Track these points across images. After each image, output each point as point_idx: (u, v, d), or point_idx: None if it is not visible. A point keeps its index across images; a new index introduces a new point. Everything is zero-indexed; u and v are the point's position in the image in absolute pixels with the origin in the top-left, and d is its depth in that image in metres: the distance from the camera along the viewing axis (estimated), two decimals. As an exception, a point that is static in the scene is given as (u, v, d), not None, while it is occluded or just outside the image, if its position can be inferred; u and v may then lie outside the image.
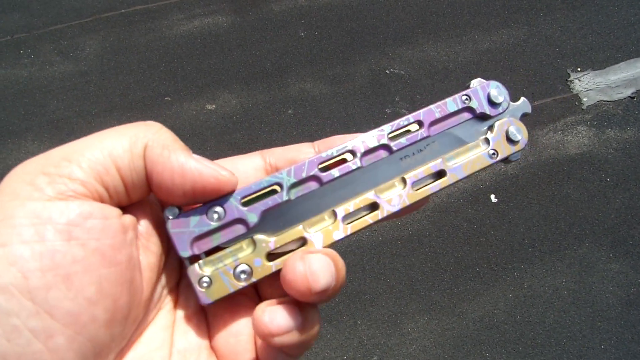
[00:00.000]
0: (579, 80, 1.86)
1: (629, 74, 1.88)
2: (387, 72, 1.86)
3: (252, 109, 1.76)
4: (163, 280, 0.30)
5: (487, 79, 0.35)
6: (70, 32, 1.97)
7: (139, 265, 0.28)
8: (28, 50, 1.92)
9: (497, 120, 0.35)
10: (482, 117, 0.35)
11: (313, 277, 0.27)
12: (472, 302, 1.38)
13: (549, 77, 1.86)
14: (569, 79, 1.86)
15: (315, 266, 0.27)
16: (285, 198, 0.30)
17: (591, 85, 1.85)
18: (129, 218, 0.28)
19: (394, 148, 0.33)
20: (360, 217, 0.31)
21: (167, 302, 0.30)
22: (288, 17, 2.02)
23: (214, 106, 1.78)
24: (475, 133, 0.35)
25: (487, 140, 0.34)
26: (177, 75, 1.85)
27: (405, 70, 1.87)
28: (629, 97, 1.83)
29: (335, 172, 0.31)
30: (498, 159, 0.34)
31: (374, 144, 0.32)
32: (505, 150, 0.34)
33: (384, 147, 0.33)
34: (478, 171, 0.34)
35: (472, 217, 1.52)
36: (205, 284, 0.29)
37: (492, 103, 0.35)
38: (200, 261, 0.30)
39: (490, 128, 0.35)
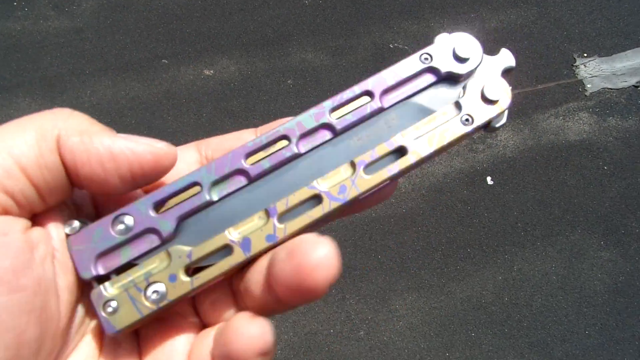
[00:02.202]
0: (585, 66, 1.84)
1: (635, 63, 1.85)
2: (391, 46, 1.83)
3: (250, 76, 1.73)
4: (84, 301, 0.26)
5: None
6: (66, -15, 1.91)
7: (54, 288, 0.23)
8: (22, 3, 1.86)
9: (471, 79, 0.28)
10: (452, 79, 0.28)
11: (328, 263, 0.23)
12: (461, 282, 1.39)
13: (555, 60, 1.83)
14: (575, 64, 1.84)
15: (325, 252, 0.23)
16: (206, 199, 0.25)
17: (596, 72, 1.83)
18: (37, 231, 0.23)
19: (338, 127, 0.27)
20: (300, 215, 0.26)
21: (92, 325, 0.26)
22: (292, -17, 1.96)
23: (212, 72, 1.74)
24: (446, 99, 0.28)
25: (458, 105, 0.28)
26: (176, 38, 1.80)
27: (409, 45, 1.83)
28: (633, 86, 1.81)
29: (266, 162, 0.26)
30: (474, 125, 0.27)
31: (311, 124, 0.27)
32: (483, 113, 0.27)
33: (326, 126, 0.27)
34: (450, 143, 0.27)
35: (467, 198, 1.51)
36: (110, 309, 0.24)
37: (460, 59, 0.28)
38: (107, 282, 0.25)
39: (464, 89, 0.28)
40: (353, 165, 0.26)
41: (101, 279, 0.25)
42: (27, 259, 0.22)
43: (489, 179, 1.55)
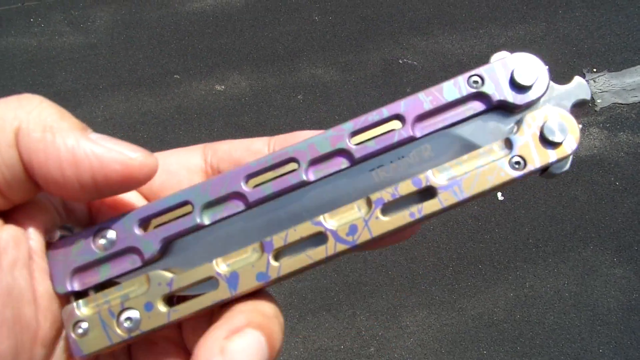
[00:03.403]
0: (594, 82, 1.84)
1: (646, 78, 1.85)
2: (400, 62, 1.84)
3: (261, 92, 1.74)
4: None
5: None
6: (82, 2, 1.95)
7: (30, 296, 0.21)
8: (38, 19, 1.90)
9: (530, 112, 0.23)
10: (506, 110, 0.23)
11: None
12: (473, 299, 1.38)
13: (564, 76, 1.83)
14: (584, 79, 1.84)
15: None
16: (196, 222, 0.23)
17: (606, 87, 1.83)
18: (7, 234, 0.21)
19: (357, 155, 0.23)
20: (298, 254, 0.22)
21: None
22: (302, 0, 1.98)
23: (223, 87, 1.76)
24: (495, 133, 0.23)
25: (509, 143, 0.22)
26: (188, 54, 1.83)
27: (418, 61, 1.84)
28: (644, 101, 1.80)
29: (268, 188, 0.23)
30: (526, 170, 0.22)
31: (326, 148, 0.23)
32: (540, 156, 0.22)
33: (342, 153, 0.23)
34: (492, 189, 0.22)
35: (478, 214, 1.51)
36: (80, 331, 0.22)
37: (517, 87, 0.23)
38: (81, 300, 0.23)
39: (518, 124, 0.23)
40: (369, 202, 0.22)
41: (78, 295, 0.23)
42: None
43: (499, 194, 1.55)
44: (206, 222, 0.23)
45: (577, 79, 0.24)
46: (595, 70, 1.86)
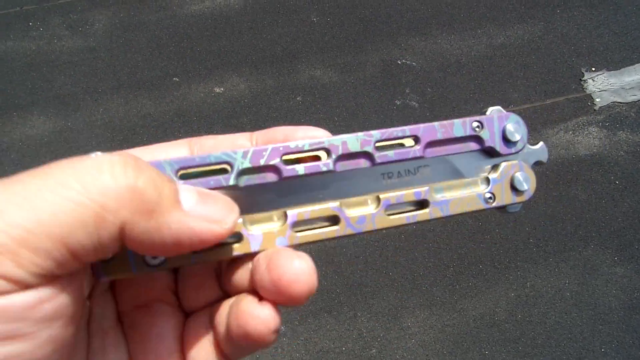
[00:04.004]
0: (593, 80, 1.84)
1: (645, 76, 1.85)
2: (399, 62, 1.84)
3: (260, 94, 1.74)
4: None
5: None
6: (80, 5, 1.95)
7: (67, 345, 0.21)
8: (37, 23, 1.90)
9: (506, 161, 0.30)
10: (489, 153, 0.30)
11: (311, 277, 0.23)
12: (474, 299, 1.37)
13: (563, 75, 1.84)
14: (583, 79, 1.84)
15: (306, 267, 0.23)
16: (231, 182, 0.25)
17: (605, 86, 1.83)
18: (80, 304, 0.21)
19: (378, 160, 0.28)
20: (314, 228, 0.27)
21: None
22: (301, 2, 1.99)
23: (222, 89, 1.76)
24: (476, 169, 0.30)
25: (487, 181, 0.30)
26: (186, 56, 1.83)
27: (417, 61, 1.84)
28: (643, 99, 1.80)
29: (301, 168, 0.26)
30: (494, 205, 0.29)
31: (355, 148, 0.27)
32: (505, 197, 0.30)
33: (366, 155, 0.28)
34: (467, 213, 0.29)
35: (478, 213, 1.51)
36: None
37: (506, 140, 0.30)
38: None
39: (495, 168, 0.30)
40: (378, 200, 0.28)
41: None
42: (69, 347, 0.21)
43: (499, 194, 1.55)
44: (241, 184, 0.26)
45: (541, 144, 0.31)
46: (594, 69, 1.86)
